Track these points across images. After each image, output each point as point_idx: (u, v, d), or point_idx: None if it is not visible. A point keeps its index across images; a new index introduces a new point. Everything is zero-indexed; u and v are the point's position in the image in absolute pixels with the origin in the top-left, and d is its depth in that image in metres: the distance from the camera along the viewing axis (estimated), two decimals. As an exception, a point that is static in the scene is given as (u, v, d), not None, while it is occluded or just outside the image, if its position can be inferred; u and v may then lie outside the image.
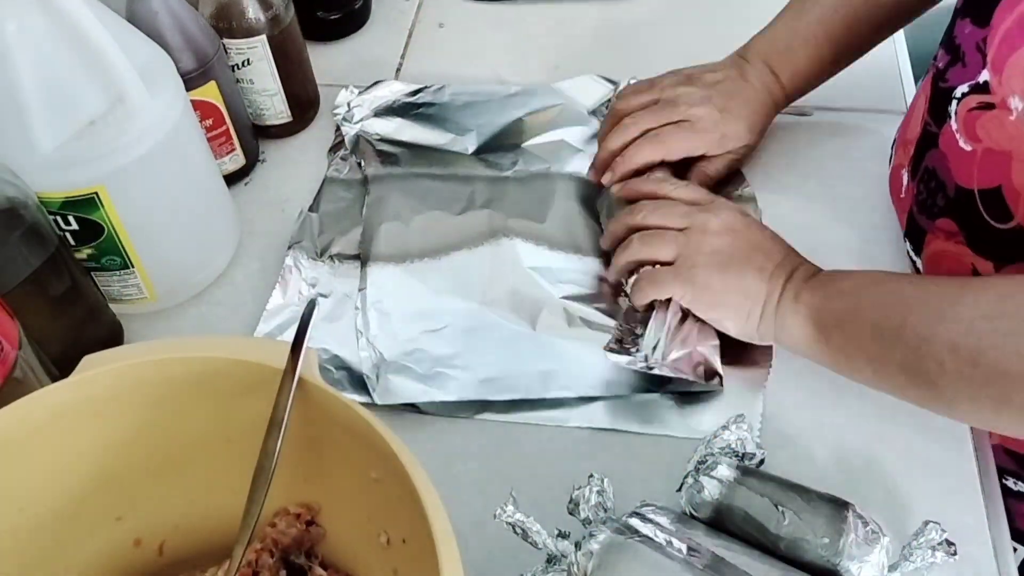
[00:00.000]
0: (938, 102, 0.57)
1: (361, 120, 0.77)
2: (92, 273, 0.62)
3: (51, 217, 0.57)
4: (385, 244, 0.67)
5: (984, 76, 0.52)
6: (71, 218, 0.58)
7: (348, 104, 0.79)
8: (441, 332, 0.62)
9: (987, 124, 0.52)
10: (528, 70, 0.83)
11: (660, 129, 0.66)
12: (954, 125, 0.55)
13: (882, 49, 0.69)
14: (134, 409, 0.43)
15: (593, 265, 0.65)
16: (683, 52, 0.69)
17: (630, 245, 0.60)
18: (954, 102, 0.55)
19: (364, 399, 0.59)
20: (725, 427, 0.51)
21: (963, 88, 0.54)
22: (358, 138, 0.75)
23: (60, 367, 0.57)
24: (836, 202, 0.69)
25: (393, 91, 0.80)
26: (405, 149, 0.74)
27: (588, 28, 0.87)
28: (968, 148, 0.54)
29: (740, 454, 0.51)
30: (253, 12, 0.70)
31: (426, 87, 0.79)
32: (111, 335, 0.63)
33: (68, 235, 0.59)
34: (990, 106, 0.52)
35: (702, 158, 0.67)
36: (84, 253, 0.60)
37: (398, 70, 0.84)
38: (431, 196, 0.71)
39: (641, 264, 0.60)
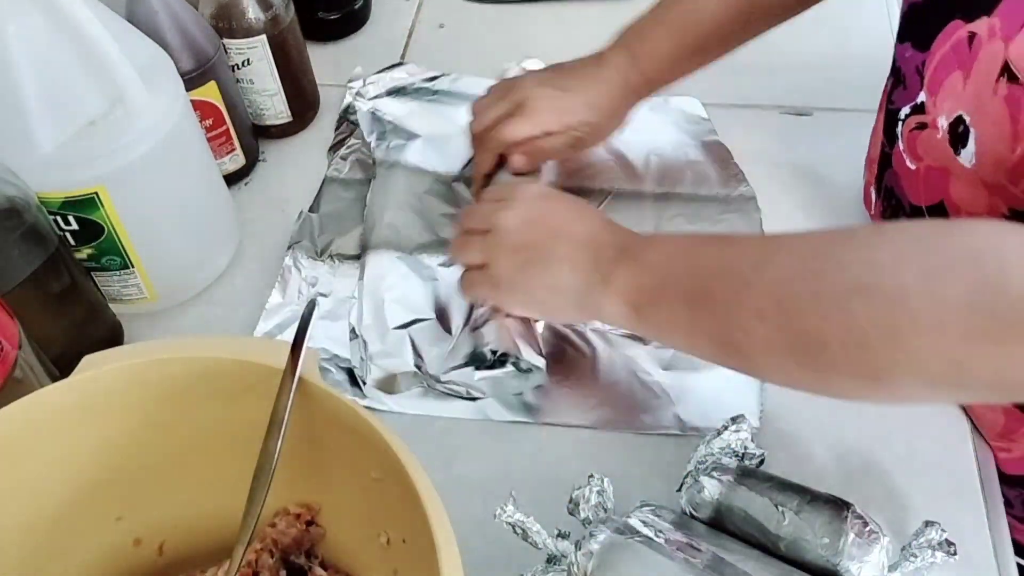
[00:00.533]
0: (889, 123, 0.58)
1: (376, 98, 0.78)
2: (92, 273, 0.62)
3: (51, 217, 0.57)
4: (387, 231, 0.67)
5: (921, 97, 0.53)
6: (71, 218, 0.58)
7: (364, 80, 0.79)
8: (428, 324, 0.62)
9: (924, 142, 0.53)
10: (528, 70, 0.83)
11: (497, 124, 0.66)
12: (901, 145, 0.56)
13: (881, 50, 0.69)
14: (133, 409, 0.43)
15: None
16: (683, 52, 0.69)
17: (452, 246, 0.61)
18: (899, 123, 0.56)
19: (367, 402, 0.59)
20: (725, 427, 0.51)
21: (906, 110, 0.55)
22: (372, 114, 0.76)
23: (60, 367, 0.57)
24: (836, 202, 0.69)
25: (410, 72, 0.80)
26: (416, 141, 0.74)
27: (588, 28, 0.87)
28: (913, 167, 0.55)
29: (740, 454, 0.51)
30: (253, 12, 0.70)
31: (444, 74, 0.80)
32: (111, 335, 0.63)
33: (68, 235, 0.59)
34: (924, 126, 0.53)
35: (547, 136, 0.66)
36: (84, 253, 0.60)
37: (398, 70, 0.84)
38: (435, 189, 0.71)
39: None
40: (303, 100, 0.77)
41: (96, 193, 0.57)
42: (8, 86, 0.52)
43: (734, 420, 0.52)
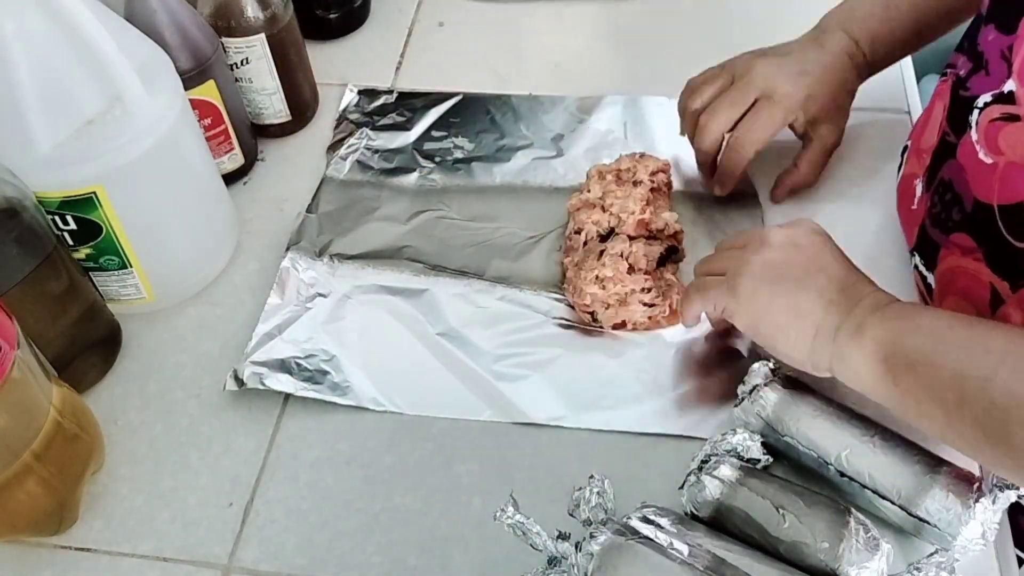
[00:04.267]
0: (958, 111, 0.54)
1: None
2: (90, 273, 0.62)
3: (49, 217, 0.57)
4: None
5: (1009, 86, 0.49)
6: (69, 218, 0.58)
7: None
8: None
9: (1010, 136, 0.49)
10: (528, 70, 0.83)
11: (741, 124, 0.64)
12: (975, 136, 0.52)
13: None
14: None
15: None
16: (684, 52, 0.69)
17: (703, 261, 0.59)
18: (975, 112, 0.52)
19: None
20: (732, 431, 0.51)
21: (986, 98, 0.51)
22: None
23: (58, 367, 0.57)
24: (840, 201, 0.69)
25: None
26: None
27: (588, 28, 0.87)
28: (989, 161, 0.51)
29: (744, 458, 0.51)
30: (252, 11, 0.70)
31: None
32: (109, 335, 0.63)
33: (66, 235, 0.59)
34: (1015, 118, 0.49)
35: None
36: (82, 253, 0.60)
37: (397, 69, 0.84)
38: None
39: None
40: (302, 99, 0.77)
41: (94, 193, 0.57)
42: (6, 85, 0.52)
43: (741, 424, 0.52)
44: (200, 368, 0.63)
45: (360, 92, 0.81)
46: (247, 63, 0.72)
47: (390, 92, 0.81)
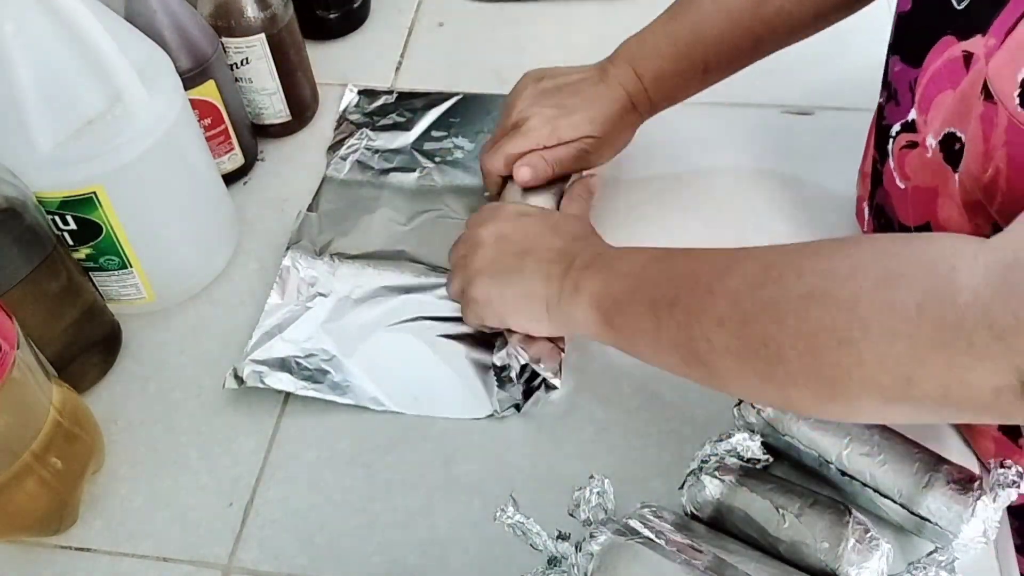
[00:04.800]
0: (880, 139, 0.57)
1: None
2: (90, 273, 0.62)
3: (49, 217, 0.57)
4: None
5: (912, 114, 0.52)
6: (69, 218, 0.58)
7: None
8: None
9: (913, 161, 0.52)
10: (528, 70, 0.83)
11: (493, 148, 0.66)
12: (891, 163, 0.55)
13: (883, 48, 0.69)
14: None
15: None
16: (683, 51, 0.69)
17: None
18: (890, 140, 0.55)
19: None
20: (732, 431, 0.51)
21: (896, 127, 0.54)
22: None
23: (58, 367, 0.57)
24: (838, 201, 0.69)
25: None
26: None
27: (588, 28, 0.87)
28: (902, 186, 0.54)
29: (744, 458, 0.51)
30: (252, 11, 0.70)
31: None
32: (109, 335, 0.63)
33: (66, 235, 0.59)
34: (915, 144, 0.52)
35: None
36: (82, 253, 0.60)
37: (397, 69, 0.84)
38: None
39: None
40: (302, 99, 0.77)
41: (94, 193, 0.57)
42: (6, 85, 0.52)
43: (742, 426, 0.52)
44: (200, 368, 0.63)
45: (360, 92, 0.81)
46: (247, 63, 0.72)
47: (390, 92, 0.81)
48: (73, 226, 0.58)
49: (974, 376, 0.36)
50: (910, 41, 0.53)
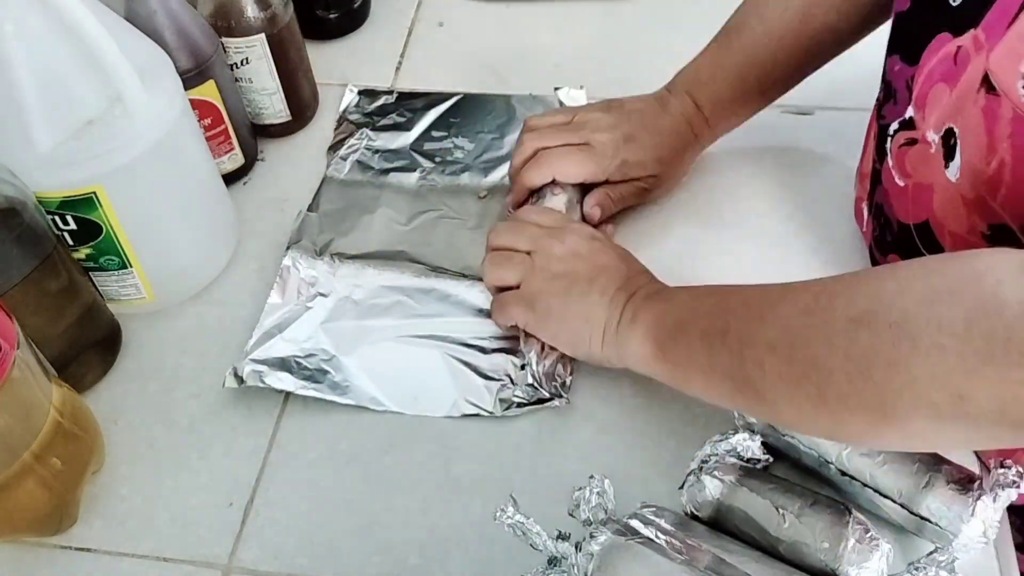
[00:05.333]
0: (880, 139, 0.57)
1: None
2: (90, 273, 0.62)
3: (49, 217, 0.57)
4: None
5: (910, 112, 0.52)
6: (69, 218, 0.58)
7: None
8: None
9: (913, 159, 0.53)
10: (528, 70, 0.83)
11: (553, 149, 0.65)
12: (890, 162, 0.55)
13: (884, 48, 0.69)
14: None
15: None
16: (683, 52, 0.69)
17: (483, 266, 0.62)
18: (889, 139, 0.55)
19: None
20: (732, 431, 0.51)
21: (895, 125, 0.55)
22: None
23: (58, 367, 0.57)
24: (838, 201, 0.69)
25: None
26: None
27: (588, 28, 0.87)
28: (901, 184, 0.54)
29: (744, 458, 0.51)
30: (252, 11, 0.70)
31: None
32: (109, 335, 0.63)
33: (66, 235, 0.59)
34: (914, 141, 0.52)
35: (606, 183, 0.66)
36: (82, 253, 0.60)
37: (397, 69, 0.84)
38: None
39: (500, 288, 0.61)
40: (302, 99, 0.77)
41: (94, 193, 0.57)
42: (6, 85, 0.52)
43: (747, 426, 0.52)
44: (200, 368, 0.63)
45: (360, 92, 0.81)
46: (247, 63, 0.72)
47: (390, 92, 0.81)
48: (73, 226, 0.58)
49: None
50: (908, 40, 0.53)
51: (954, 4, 0.48)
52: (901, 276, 0.41)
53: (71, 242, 0.59)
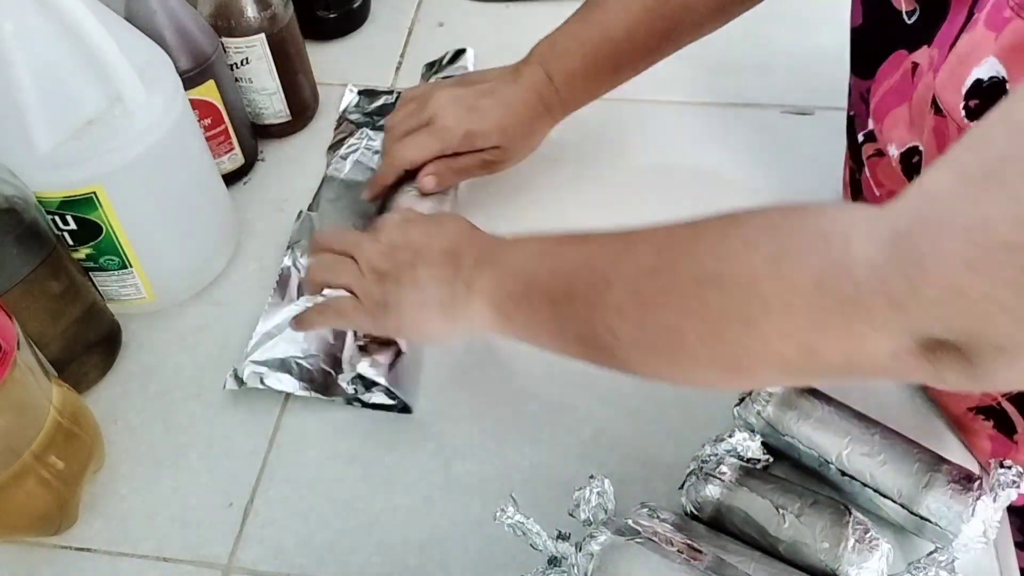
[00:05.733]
0: (853, 149, 0.58)
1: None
2: (90, 273, 0.62)
3: (49, 217, 0.57)
4: None
5: (870, 124, 0.53)
6: (69, 218, 0.58)
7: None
8: None
9: (883, 170, 0.53)
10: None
11: (398, 140, 0.65)
12: (866, 172, 0.55)
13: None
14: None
15: None
16: (682, 52, 0.68)
17: (310, 267, 0.59)
18: (860, 149, 0.55)
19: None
20: (732, 431, 0.51)
21: (861, 136, 0.55)
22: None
23: (58, 367, 0.57)
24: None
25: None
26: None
27: (588, 27, 0.87)
28: (877, 193, 0.54)
29: (744, 458, 0.51)
30: (252, 11, 0.70)
31: None
32: (109, 335, 0.63)
33: (66, 235, 0.59)
34: (881, 153, 0.52)
35: (454, 155, 0.65)
36: (82, 253, 0.60)
37: (397, 69, 0.84)
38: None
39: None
40: (302, 99, 0.77)
41: (94, 193, 0.57)
42: (6, 85, 0.52)
43: (747, 426, 0.52)
44: (200, 368, 0.63)
45: (360, 92, 0.81)
46: (247, 63, 0.72)
47: (390, 92, 0.81)
48: (73, 226, 0.58)
49: (873, 343, 0.36)
50: (863, 54, 0.54)
51: (909, 22, 0.48)
52: (746, 233, 0.41)
53: (71, 242, 0.59)
